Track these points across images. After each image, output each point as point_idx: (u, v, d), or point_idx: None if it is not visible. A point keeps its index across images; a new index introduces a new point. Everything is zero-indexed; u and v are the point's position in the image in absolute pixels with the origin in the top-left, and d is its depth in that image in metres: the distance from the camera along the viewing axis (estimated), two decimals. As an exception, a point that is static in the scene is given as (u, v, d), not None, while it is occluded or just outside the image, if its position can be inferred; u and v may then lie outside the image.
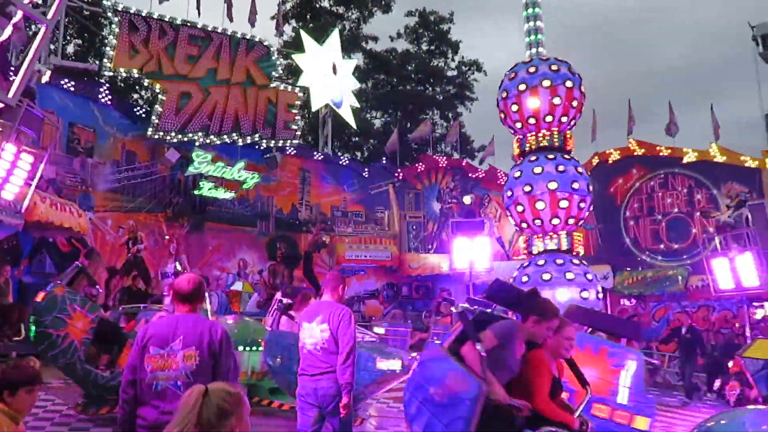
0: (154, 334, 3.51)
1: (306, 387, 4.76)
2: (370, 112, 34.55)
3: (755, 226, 15.43)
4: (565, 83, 13.56)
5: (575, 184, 13.33)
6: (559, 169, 13.33)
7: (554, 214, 13.25)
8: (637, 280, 19.87)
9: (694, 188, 20.04)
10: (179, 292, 3.64)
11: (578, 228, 14.14)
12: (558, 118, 13.72)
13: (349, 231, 21.05)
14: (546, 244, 13.55)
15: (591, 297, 12.92)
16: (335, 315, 4.71)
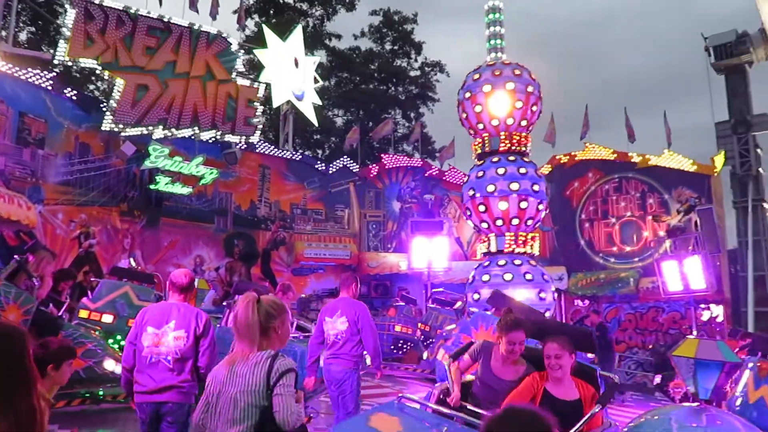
0: (151, 317, 4.39)
1: (327, 368, 6.05)
2: (333, 110, 34.49)
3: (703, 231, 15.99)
4: (527, 88, 13.79)
5: (536, 186, 13.57)
6: (521, 171, 13.54)
7: (515, 215, 13.45)
8: (590, 282, 20.34)
9: (647, 193, 20.60)
10: (176, 284, 4.52)
11: (535, 229, 14.40)
12: (518, 122, 13.92)
13: (308, 229, 20.95)
14: (505, 245, 13.74)
15: (548, 298, 13.17)
16: (352, 309, 6.00)
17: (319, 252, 20.37)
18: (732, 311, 19.07)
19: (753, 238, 21.68)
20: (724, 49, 25.98)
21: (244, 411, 2.75)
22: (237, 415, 2.76)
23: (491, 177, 13.57)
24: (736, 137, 24.33)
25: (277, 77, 20.09)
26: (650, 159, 20.77)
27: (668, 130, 21.51)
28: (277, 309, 2.96)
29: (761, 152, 24.93)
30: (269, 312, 2.90)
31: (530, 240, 13.94)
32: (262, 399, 2.75)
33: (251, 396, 2.76)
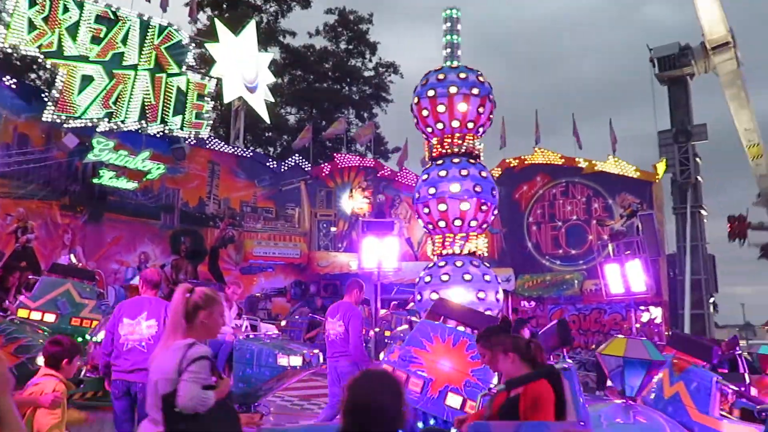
0: (126, 310, 5.19)
1: (330, 367, 6.85)
2: (285, 107, 34.17)
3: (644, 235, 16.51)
4: (471, 90, 13.82)
5: (477, 188, 13.59)
6: (462, 173, 13.59)
7: (457, 217, 13.54)
8: (536, 283, 20.77)
9: (592, 197, 21.17)
10: (149, 281, 5.34)
11: (483, 231, 14.52)
12: (465, 124, 14.01)
13: (258, 227, 20.69)
14: (449, 246, 13.84)
15: (489, 298, 13.20)
16: (347, 313, 6.75)
17: (268, 251, 20.14)
18: (670, 313, 19.78)
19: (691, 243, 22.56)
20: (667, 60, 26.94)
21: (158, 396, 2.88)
22: (157, 401, 2.89)
23: (434, 179, 13.67)
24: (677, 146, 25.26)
25: (228, 72, 19.77)
26: (596, 165, 21.35)
27: (613, 137, 22.17)
28: (206, 300, 3.04)
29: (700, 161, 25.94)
30: (197, 303, 3.02)
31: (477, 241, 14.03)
32: (174, 385, 2.84)
33: (167, 383, 2.86)
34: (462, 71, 14.08)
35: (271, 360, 8.36)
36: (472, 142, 14.17)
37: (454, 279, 13.12)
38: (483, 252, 14.28)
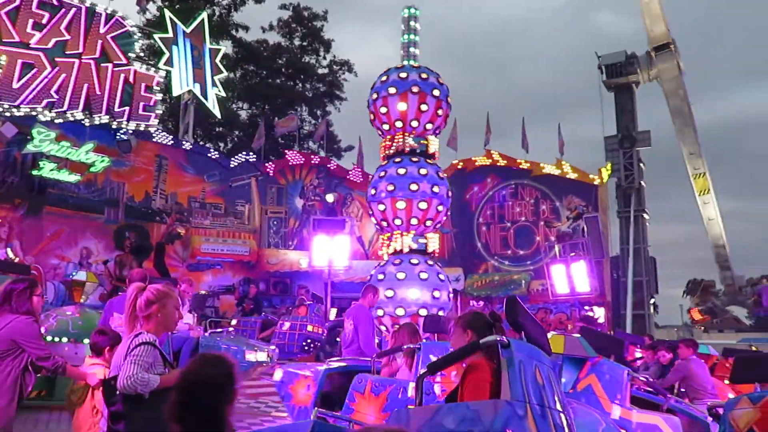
0: (117, 305, 5.83)
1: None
2: (237, 102, 33.65)
3: (589, 237, 16.95)
4: (432, 92, 14.01)
5: (435, 188, 13.80)
6: (421, 172, 13.75)
7: (413, 215, 13.64)
8: (485, 283, 21.06)
9: (540, 199, 21.59)
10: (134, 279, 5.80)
11: (435, 231, 14.67)
12: (423, 125, 14.15)
13: (206, 223, 20.29)
14: (403, 244, 13.92)
15: (443, 297, 13.43)
16: (357, 314, 7.35)
17: (216, 247, 19.77)
18: (612, 313, 20.35)
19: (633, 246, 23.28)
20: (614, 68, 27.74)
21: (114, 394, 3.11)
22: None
23: (392, 176, 13.72)
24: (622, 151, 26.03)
25: (178, 65, 19.32)
26: (544, 167, 21.79)
27: (561, 140, 22.65)
28: (157, 295, 3.28)
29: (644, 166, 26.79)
30: (149, 298, 3.25)
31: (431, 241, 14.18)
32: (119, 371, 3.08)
33: (115, 370, 3.12)
34: (424, 72, 14.22)
35: (239, 356, 8.49)
36: (429, 142, 14.31)
37: (410, 278, 13.21)
38: (435, 251, 14.43)
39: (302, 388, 5.92)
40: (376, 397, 5.39)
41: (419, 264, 13.48)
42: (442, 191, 14.00)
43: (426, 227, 13.99)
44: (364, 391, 5.47)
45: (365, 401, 5.48)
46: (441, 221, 14.65)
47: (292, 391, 5.96)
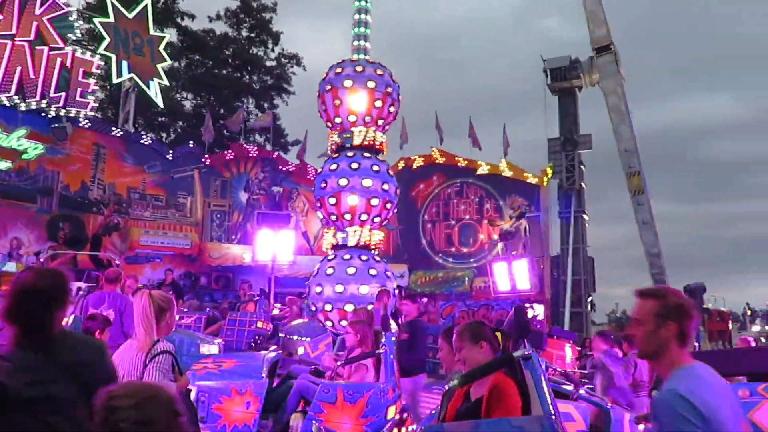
0: (91, 301, 6.79)
1: None
2: (181, 92, 32.82)
3: (531, 236, 17.31)
4: (386, 89, 13.98)
5: (386, 185, 13.75)
6: (374, 169, 13.67)
7: (364, 211, 13.58)
8: (429, 280, 21.23)
9: (485, 198, 21.92)
10: (109, 278, 7.02)
11: (381, 227, 14.67)
12: (375, 120, 14.08)
13: (146, 215, 19.72)
14: (352, 239, 13.84)
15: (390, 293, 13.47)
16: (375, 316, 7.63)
17: (156, 240, 19.24)
18: (551, 311, 20.85)
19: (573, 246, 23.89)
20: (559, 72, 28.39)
21: None
22: None
23: (344, 171, 13.60)
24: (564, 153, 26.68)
25: (119, 51, 18.69)
26: (489, 167, 22.13)
27: (507, 141, 23.04)
28: (167, 303, 3.66)
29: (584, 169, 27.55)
30: (162, 306, 3.59)
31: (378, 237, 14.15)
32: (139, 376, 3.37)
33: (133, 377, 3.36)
34: (379, 68, 14.16)
35: (193, 349, 8.40)
36: (379, 138, 14.27)
37: (361, 273, 13.13)
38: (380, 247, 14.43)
39: (237, 406, 5.50)
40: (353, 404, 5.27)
41: (369, 260, 13.44)
42: (392, 188, 13.99)
43: (374, 223, 13.96)
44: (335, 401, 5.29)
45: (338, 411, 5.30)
46: (388, 218, 14.68)
47: (220, 411, 5.50)
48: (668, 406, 1.96)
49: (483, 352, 3.39)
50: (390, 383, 5.42)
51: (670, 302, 2.19)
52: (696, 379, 2.05)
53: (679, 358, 2.16)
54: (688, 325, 2.16)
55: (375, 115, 13.97)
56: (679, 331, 2.16)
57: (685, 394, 1.95)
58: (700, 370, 2.12)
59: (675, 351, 2.17)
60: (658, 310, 2.18)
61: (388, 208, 14.09)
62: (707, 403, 1.94)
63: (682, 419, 1.91)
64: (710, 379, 2.09)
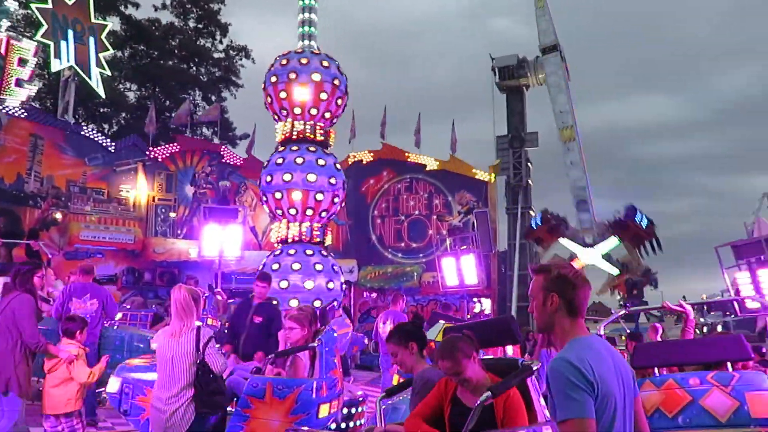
0: (74, 291, 7.23)
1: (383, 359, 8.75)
2: (124, 83, 31.84)
3: (479, 231, 17.52)
4: (333, 81, 13.81)
5: (332, 179, 13.66)
6: (319, 163, 13.56)
7: (309, 206, 13.46)
8: (378, 275, 21.28)
9: (434, 194, 22.10)
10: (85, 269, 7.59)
11: (329, 222, 14.59)
12: (322, 113, 13.94)
13: (87, 209, 19.05)
14: (298, 234, 13.72)
15: (336, 288, 13.40)
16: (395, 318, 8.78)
17: (98, 235, 18.61)
18: (498, 305, 21.21)
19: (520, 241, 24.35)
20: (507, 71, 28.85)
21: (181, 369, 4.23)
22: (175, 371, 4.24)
23: (290, 165, 13.45)
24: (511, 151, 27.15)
25: (58, 39, 17.97)
26: (439, 163, 22.32)
27: (455, 138, 23.27)
28: (198, 295, 4.46)
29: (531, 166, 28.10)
30: (196, 298, 4.39)
31: (325, 232, 14.07)
32: (195, 359, 4.25)
33: (186, 357, 4.24)
34: (325, 59, 13.99)
35: (143, 345, 8.20)
36: (326, 131, 14.14)
37: (306, 268, 13.03)
38: (329, 242, 14.35)
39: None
40: (281, 400, 5.04)
41: (314, 254, 13.34)
42: (339, 182, 13.89)
43: (321, 218, 13.86)
44: (264, 396, 5.06)
45: (266, 406, 5.07)
46: (335, 212, 14.60)
47: (144, 404, 5.25)
48: (557, 371, 2.01)
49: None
50: (325, 380, 5.25)
51: (553, 275, 2.23)
52: (587, 348, 2.09)
53: (572, 329, 2.19)
54: (573, 296, 2.19)
55: (321, 108, 13.82)
56: (565, 302, 2.19)
57: (574, 361, 2.00)
58: (593, 341, 2.17)
59: (565, 322, 2.20)
60: (544, 283, 2.23)
61: (336, 203, 13.99)
62: (595, 371, 2.00)
63: (569, 384, 1.97)
64: (601, 349, 2.14)
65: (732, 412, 3.19)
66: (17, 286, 5.45)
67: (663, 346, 4.32)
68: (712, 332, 21.38)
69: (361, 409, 6.66)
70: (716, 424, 3.19)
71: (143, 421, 5.28)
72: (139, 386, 5.39)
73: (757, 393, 3.24)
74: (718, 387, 3.31)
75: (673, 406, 3.31)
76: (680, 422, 3.25)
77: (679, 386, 3.38)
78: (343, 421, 6.07)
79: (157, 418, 4.25)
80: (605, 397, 2.01)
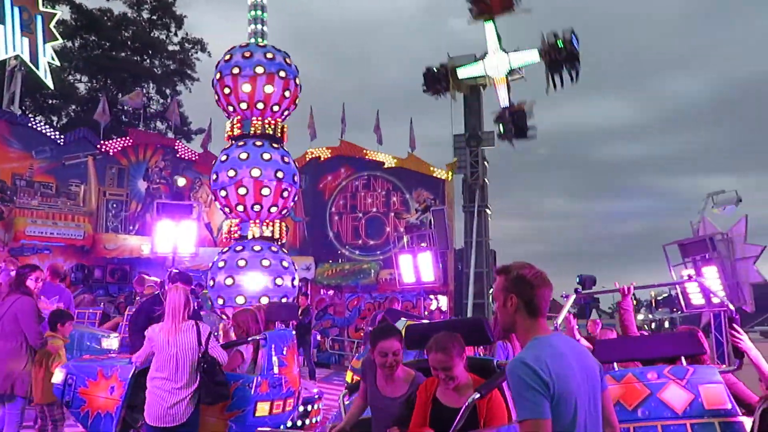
0: (44, 291, 7.07)
1: None
2: (74, 74, 30.88)
3: (436, 229, 17.62)
4: (278, 72, 13.50)
5: (279, 173, 13.35)
6: (264, 157, 13.24)
7: (256, 201, 13.22)
8: (335, 272, 21.20)
9: (392, 191, 22.15)
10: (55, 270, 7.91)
11: (282, 217, 14.38)
12: (270, 107, 13.65)
13: (34, 204, 18.41)
14: (246, 231, 13.50)
15: (286, 284, 13.16)
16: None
17: (45, 230, 17.99)
18: (455, 302, 21.41)
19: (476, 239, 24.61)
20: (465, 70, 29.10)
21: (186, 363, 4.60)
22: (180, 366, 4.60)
23: (234, 161, 13.20)
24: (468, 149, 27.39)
25: (2, 26, 17.30)
26: (396, 161, 22.37)
27: (413, 136, 23.35)
28: (189, 295, 4.87)
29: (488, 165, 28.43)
30: (188, 297, 4.83)
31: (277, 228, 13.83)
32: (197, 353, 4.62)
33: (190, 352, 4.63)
34: (269, 51, 13.69)
35: (94, 343, 8.38)
36: (276, 125, 13.87)
37: (252, 264, 12.86)
38: (282, 238, 14.16)
39: (102, 391, 5.12)
40: None
41: (262, 251, 13.12)
42: (287, 177, 13.57)
43: (270, 213, 13.62)
44: None
45: None
46: (288, 207, 14.38)
47: (85, 396, 5.16)
48: (513, 373, 2.05)
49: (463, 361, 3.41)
50: (267, 377, 5.16)
51: (512, 276, 2.25)
52: (546, 347, 2.12)
53: (532, 329, 2.21)
54: (532, 296, 2.21)
55: (269, 102, 13.55)
56: (524, 302, 2.21)
57: (530, 362, 2.03)
58: (553, 339, 2.19)
59: (525, 322, 2.22)
60: (504, 284, 2.25)
61: (286, 197, 13.67)
62: (552, 370, 2.02)
63: (524, 384, 2.00)
64: (561, 347, 2.16)
65: (688, 404, 3.33)
66: (14, 288, 5.76)
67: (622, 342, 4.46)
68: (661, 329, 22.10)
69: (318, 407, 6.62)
70: (673, 416, 3.32)
71: (83, 413, 5.15)
72: (81, 377, 5.24)
73: (710, 386, 3.39)
74: (674, 381, 3.44)
75: (633, 399, 3.43)
76: (639, 415, 3.37)
77: (638, 380, 3.50)
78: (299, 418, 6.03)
79: (158, 403, 4.54)
80: (564, 395, 2.03)
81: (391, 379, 3.71)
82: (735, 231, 11.14)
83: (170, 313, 4.70)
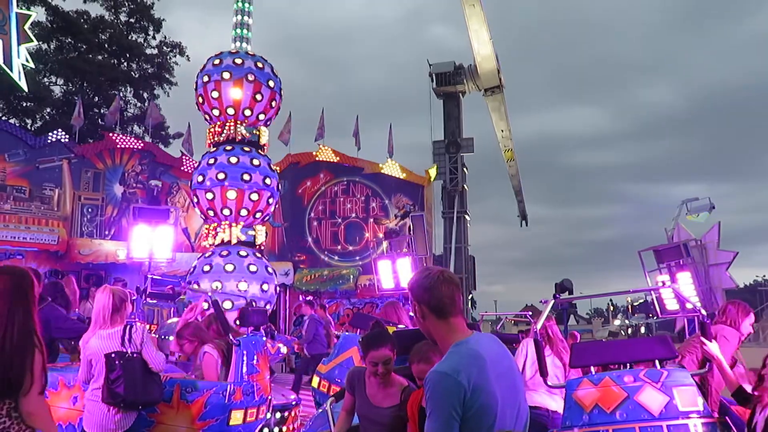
0: None
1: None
2: (49, 77, 30.46)
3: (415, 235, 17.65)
4: (268, 82, 13.73)
5: (267, 180, 13.49)
6: (254, 163, 13.38)
7: (243, 206, 13.25)
8: (314, 278, 21.11)
9: (371, 197, 22.15)
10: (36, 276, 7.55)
11: (263, 223, 14.39)
12: (256, 114, 13.80)
13: (6, 208, 18.06)
14: (231, 236, 13.46)
15: (270, 290, 13.23)
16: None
17: (18, 235, 17.64)
18: (434, 308, 21.43)
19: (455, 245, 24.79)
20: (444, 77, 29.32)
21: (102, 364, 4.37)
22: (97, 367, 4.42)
23: (223, 165, 13.20)
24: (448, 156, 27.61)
25: (-23, 26, 17.00)
26: (375, 166, 22.40)
27: (392, 141, 23.41)
28: (125, 296, 4.62)
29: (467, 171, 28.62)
30: (123, 299, 4.59)
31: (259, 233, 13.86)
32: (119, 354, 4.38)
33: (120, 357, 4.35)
34: (260, 61, 13.87)
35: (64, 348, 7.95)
36: (261, 133, 13.99)
37: (239, 270, 12.79)
38: (263, 244, 14.14)
39: (63, 402, 4.97)
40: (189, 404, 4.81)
41: (248, 256, 13.11)
42: (273, 183, 13.74)
43: (255, 219, 13.66)
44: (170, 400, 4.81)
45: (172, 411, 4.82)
46: (270, 213, 14.43)
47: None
48: (430, 383, 2.02)
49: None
50: (240, 384, 5.06)
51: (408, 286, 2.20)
52: (465, 356, 2.06)
53: (449, 334, 2.16)
54: (430, 298, 2.14)
55: (256, 109, 13.68)
56: (428, 307, 2.15)
57: (447, 371, 2.00)
58: (472, 344, 2.11)
59: (439, 328, 2.17)
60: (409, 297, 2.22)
61: (270, 203, 13.82)
62: (470, 379, 1.98)
63: (442, 395, 1.96)
64: (481, 352, 2.09)
65: (663, 406, 3.42)
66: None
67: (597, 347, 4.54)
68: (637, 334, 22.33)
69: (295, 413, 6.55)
70: (650, 418, 3.40)
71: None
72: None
73: (683, 388, 3.49)
74: (649, 383, 3.51)
75: (611, 402, 3.50)
76: (618, 417, 3.44)
77: (615, 383, 3.56)
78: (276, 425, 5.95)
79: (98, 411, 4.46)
80: (483, 403, 1.99)
81: (383, 388, 3.60)
82: (708, 237, 11.33)
83: (95, 318, 4.53)
